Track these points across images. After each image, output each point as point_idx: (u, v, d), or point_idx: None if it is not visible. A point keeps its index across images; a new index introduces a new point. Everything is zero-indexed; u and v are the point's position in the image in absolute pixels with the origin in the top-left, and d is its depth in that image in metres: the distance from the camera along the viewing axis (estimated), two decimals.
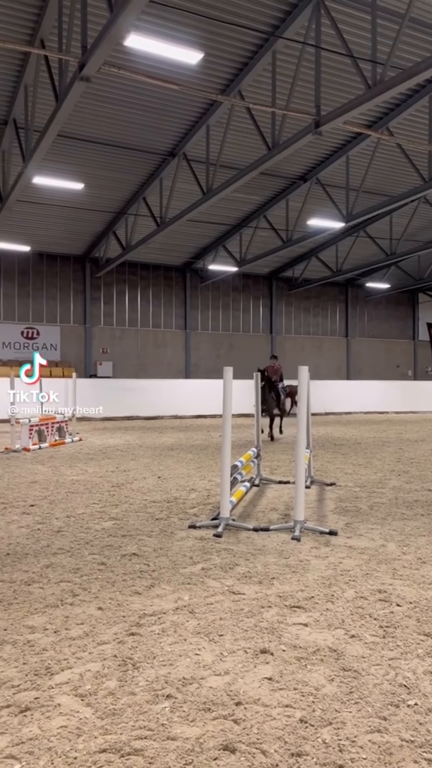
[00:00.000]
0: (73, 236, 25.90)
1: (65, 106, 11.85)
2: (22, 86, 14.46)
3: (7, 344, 26.91)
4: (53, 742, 2.61)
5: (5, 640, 3.63)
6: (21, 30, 12.59)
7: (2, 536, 6.09)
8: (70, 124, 15.82)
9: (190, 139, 17.66)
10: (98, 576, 4.84)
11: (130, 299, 29.82)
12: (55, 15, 11.72)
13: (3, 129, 16.71)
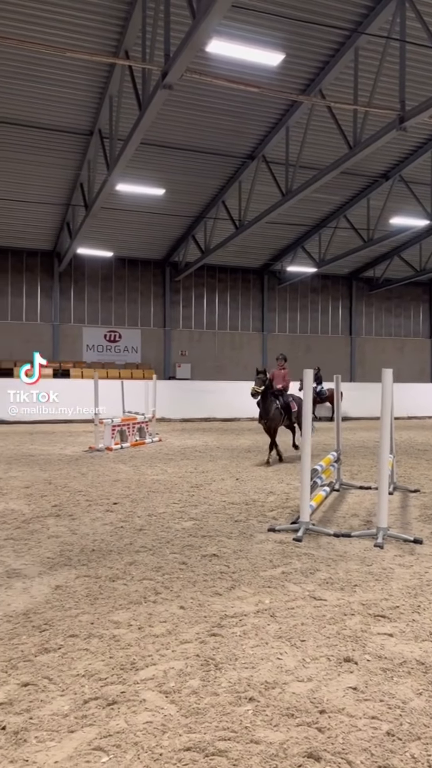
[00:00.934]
0: (154, 241, 26.44)
1: (148, 114, 12.12)
2: (107, 97, 14.92)
3: (91, 347, 27.82)
4: (139, 736, 2.67)
5: (92, 633, 3.74)
6: (107, 42, 12.99)
7: (87, 533, 6.30)
8: (151, 131, 16.16)
9: (269, 141, 17.63)
10: (179, 575, 4.90)
11: (208, 302, 30.09)
12: (139, 25, 12.01)
13: (89, 139, 17.31)
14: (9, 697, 2.98)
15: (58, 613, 4.08)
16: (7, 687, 3.09)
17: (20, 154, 17.88)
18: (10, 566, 5.11)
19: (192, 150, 18.25)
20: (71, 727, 2.74)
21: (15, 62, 13.72)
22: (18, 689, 3.07)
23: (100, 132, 16.43)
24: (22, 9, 11.86)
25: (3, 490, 8.76)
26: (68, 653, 3.48)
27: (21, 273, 26.53)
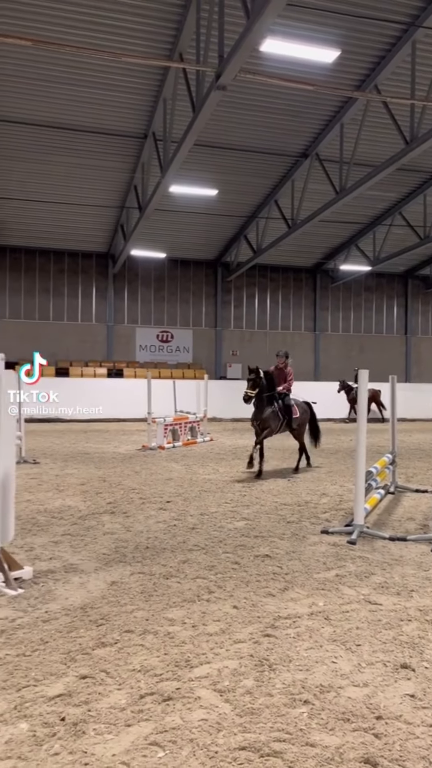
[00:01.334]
0: (206, 242, 26.56)
1: (202, 116, 12.20)
2: (161, 100, 15.08)
3: (144, 347, 28.20)
4: (194, 734, 2.70)
5: (147, 629, 3.80)
6: (162, 46, 13.14)
7: (141, 530, 6.39)
8: (205, 132, 16.24)
9: (323, 138, 17.46)
10: (232, 575, 4.92)
11: (260, 302, 30.02)
12: (193, 28, 12.10)
13: (143, 142, 17.54)
14: (68, 689, 3.06)
15: (114, 609, 4.15)
16: (67, 679, 3.17)
17: (77, 158, 18.29)
18: (67, 561, 5.24)
19: (245, 150, 18.26)
20: (128, 720, 2.79)
21: (72, 69, 14.04)
22: (77, 681, 3.15)
23: (154, 135, 16.63)
24: (79, 16, 12.13)
25: (60, 486, 8.98)
26: (124, 648, 3.55)
27: (77, 275, 27.12)
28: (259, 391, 9.99)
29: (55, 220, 23.24)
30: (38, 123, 16.50)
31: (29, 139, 17.28)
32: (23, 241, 25.40)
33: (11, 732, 2.69)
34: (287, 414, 10.52)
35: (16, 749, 2.56)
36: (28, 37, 11.33)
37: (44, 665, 3.31)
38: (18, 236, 24.96)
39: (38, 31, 12.16)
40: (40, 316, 26.66)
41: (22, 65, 13.93)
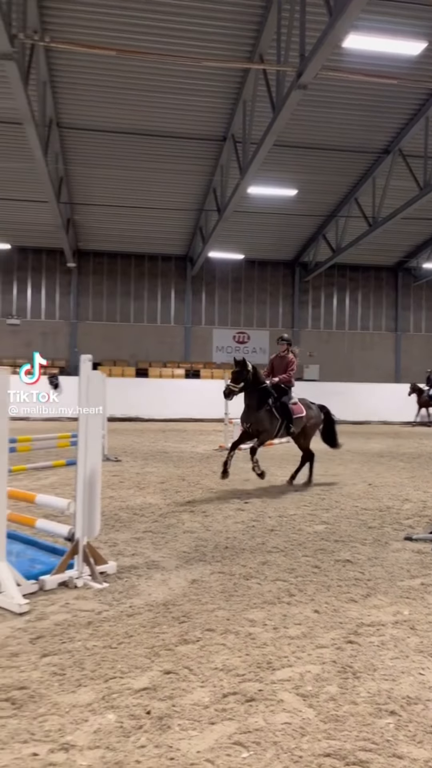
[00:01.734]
0: (284, 242, 26.43)
1: (282, 116, 12.16)
2: (241, 102, 15.15)
3: (221, 348, 28.42)
4: (278, 736, 2.68)
5: (228, 629, 3.82)
6: (241, 48, 13.20)
7: (220, 530, 6.44)
8: (284, 132, 16.15)
9: (406, 133, 16.98)
10: (313, 579, 4.86)
11: (338, 302, 29.55)
12: (274, 28, 12.08)
13: (222, 145, 17.68)
14: (153, 683, 3.13)
15: (195, 607, 4.20)
16: (151, 673, 3.24)
17: (157, 163, 18.67)
18: (149, 558, 5.36)
19: (324, 148, 18.04)
20: (212, 719, 2.82)
21: (154, 76, 14.36)
22: (161, 676, 3.21)
23: (233, 137, 16.73)
24: (161, 24, 12.40)
25: (141, 484, 9.19)
26: (206, 646, 3.58)
27: (156, 278, 27.69)
28: (245, 386, 8.42)
29: (136, 225, 23.83)
30: (119, 131, 16.99)
31: (111, 146, 17.83)
32: (106, 245, 26.21)
33: (99, 722, 2.77)
34: (284, 414, 8.79)
35: (104, 739, 2.64)
36: (112, 47, 11.68)
37: (129, 658, 3.40)
38: (101, 241, 25.78)
39: (122, 41, 12.52)
40: (121, 318, 27.41)
41: (105, 75, 14.39)
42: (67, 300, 27.06)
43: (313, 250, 26.42)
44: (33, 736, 2.64)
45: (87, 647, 3.51)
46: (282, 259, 28.53)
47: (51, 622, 3.88)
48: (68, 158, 18.65)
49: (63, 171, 19.06)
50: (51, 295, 27.12)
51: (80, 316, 27.14)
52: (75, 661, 3.34)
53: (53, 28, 12.28)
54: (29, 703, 2.91)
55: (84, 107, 16.04)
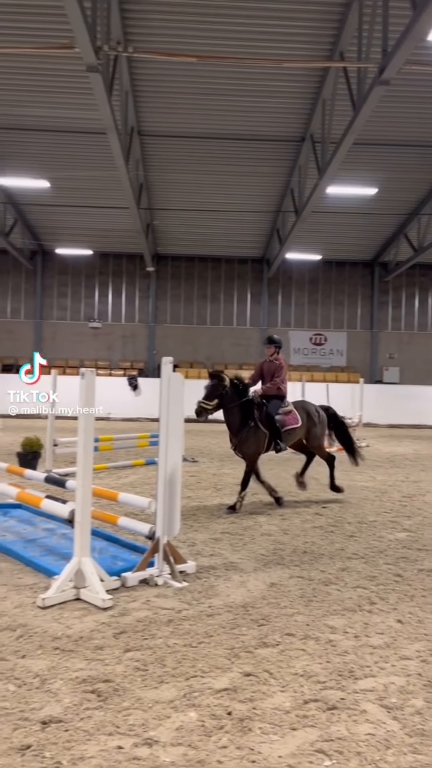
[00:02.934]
0: (363, 241, 25.86)
1: (363, 113, 11.93)
2: (320, 101, 14.98)
3: (297, 350, 28.15)
4: (362, 747, 2.63)
5: (308, 635, 3.78)
6: (322, 47, 13.05)
7: (298, 534, 6.38)
8: (364, 130, 15.84)
9: None
10: (395, 587, 4.73)
11: (420, 302, 28.58)
12: (355, 25, 11.87)
13: (300, 145, 17.54)
14: (233, 684, 3.14)
15: (274, 610, 4.18)
16: (231, 674, 3.25)
17: (234, 166, 18.75)
18: (227, 559, 5.38)
19: (405, 145, 17.53)
20: (293, 724, 2.80)
21: (232, 80, 14.44)
22: (241, 678, 3.21)
23: (312, 137, 16.55)
24: (240, 27, 12.44)
25: (218, 485, 9.26)
26: (286, 651, 3.56)
27: (233, 280, 27.79)
28: (223, 402, 7.43)
29: (214, 228, 24.02)
30: (198, 135, 17.19)
31: (190, 151, 18.07)
32: (183, 249, 26.58)
33: (181, 719, 2.81)
34: (271, 426, 7.66)
35: (186, 737, 2.68)
36: (192, 54, 11.84)
37: (209, 658, 3.43)
38: (179, 245, 26.17)
39: (202, 47, 12.65)
40: (197, 321, 27.71)
41: (185, 81, 14.60)
42: (146, 303, 27.64)
43: (394, 250, 25.70)
44: (118, 729, 2.71)
45: (168, 645, 3.57)
46: (361, 259, 27.93)
47: (133, 618, 3.97)
48: (148, 165, 19.06)
49: (143, 177, 19.50)
50: (131, 298, 27.80)
51: (158, 319, 27.66)
52: (157, 658, 3.40)
53: (135, 38, 12.59)
54: (114, 696, 2.99)
55: (164, 114, 16.35)
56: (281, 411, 7.83)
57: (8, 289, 27.35)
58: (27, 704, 2.89)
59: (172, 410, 4.95)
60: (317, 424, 8.29)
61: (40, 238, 25.68)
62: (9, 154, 18.75)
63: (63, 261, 27.00)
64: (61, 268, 27.19)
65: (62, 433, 10.27)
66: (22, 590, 4.45)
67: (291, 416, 7.92)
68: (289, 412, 7.93)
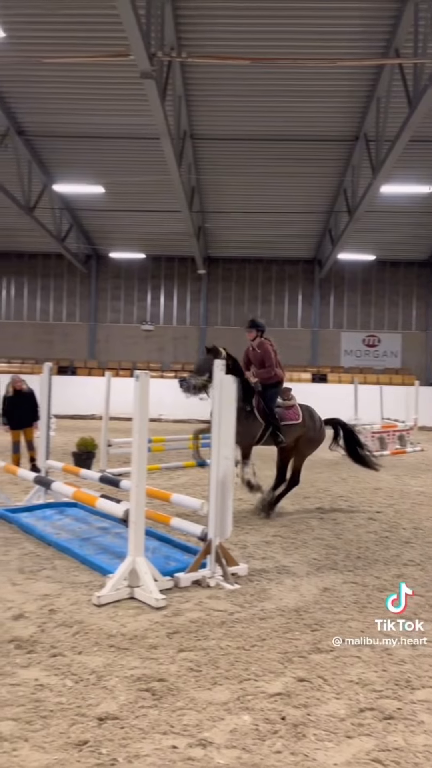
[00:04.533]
0: (418, 240, 25.28)
1: (419, 110, 11.68)
2: (374, 99, 14.75)
3: (349, 352, 27.76)
4: (419, 758, 2.57)
5: (363, 642, 3.72)
6: (376, 44, 12.84)
7: (351, 539, 6.28)
8: (419, 127, 15.52)
9: None
10: None
11: None
12: (411, 21, 11.62)
13: (353, 145, 17.31)
14: (287, 689, 3.12)
15: (328, 616, 4.14)
16: (285, 679, 3.23)
17: (286, 167, 18.66)
18: (279, 562, 5.35)
19: None
20: (348, 732, 2.76)
21: (284, 81, 14.37)
22: (294, 683, 3.19)
23: (366, 136, 16.30)
24: (293, 28, 12.38)
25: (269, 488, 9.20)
26: (340, 657, 3.51)
27: (284, 282, 27.65)
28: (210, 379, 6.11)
29: (265, 230, 23.95)
30: (250, 138, 17.19)
31: (242, 154, 18.09)
32: (235, 251, 26.62)
33: (235, 722, 2.81)
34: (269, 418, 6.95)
35: (240, 740, 2.67)
36: (245, 56, 11.86)
37: (263, 662, 3.41)
38: (230, 247, 26.22)
39: (255, 49, 12.65)
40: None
41: (237, 84, 14.62)
42: (197, 306, 27.80)
43: None
44: (172, 729, 2.74)
45: (221, 647, 3.58)
46: (416, 259, 27.30)
47: (186, 618, 4.00)
48: (200, 168, 19.18)
49: (195, 180, 19.64)
50: (182, 301, 28.02)
51: (209, 321, 27.77)
52: (210, 659, 3.41)
53: (189, 44, 12.70)
54: (168, 695, 3.02)
55: (216, 117, 16.42)
56: (282, 404, 7.21)
57: (63, 293, 28.03)
58: (84, 700, 2.95)
59: (225, 413, 4.96)
60: (315, 430, 7.48)
61: (94, 243, 26.22)
62: (65, 161, 19.24)
63: (116, 265, 27.47)
64: (114, 271, 27.67)
65: (115, 433, 10.45)
66: (77, 588, 4.55)
67: (292, 411, 7.32)
68: (291, 407, 7.33)
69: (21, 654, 3.42)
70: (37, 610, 4.07)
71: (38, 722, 2.75)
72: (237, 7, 12.03)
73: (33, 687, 3.06)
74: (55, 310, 28.09)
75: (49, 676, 3.18)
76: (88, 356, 27.41)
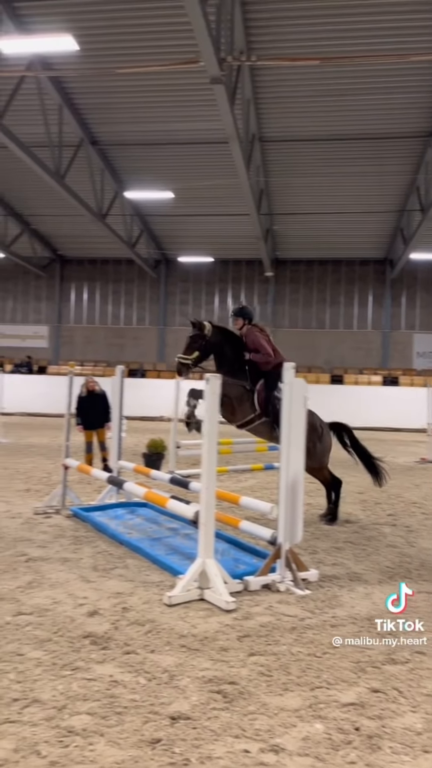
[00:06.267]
0: None
1: None
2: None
3: (422, 354, 26.93)
4: None
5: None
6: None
7: (426, 547, 6.09)
8: None
9: None
10: None
11: None
12: None
13: (426, 141, 16.83)
14: (360, 699, 3.05)
15: None
16: (358, 689, 3.16)
17: (355, 167, 18.37)
18: (350, 569, 5.25)
19: None
20: (426, 747, 2.67)
21: (354, 79, 14.18)
22: (368, 694, 3.11)
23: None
24: (362, 26, 12.20)
25: None
26: (416, 669, 3.40)
27: (353, 283, 27.18)
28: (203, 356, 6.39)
29: (334, 231, 23.66)
30: (319, 138, 17.03)
31: (310, 154, 17.95)
32: (303, 253, 26.41)
33: (308, 730, 2.77)
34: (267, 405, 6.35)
35: (313, 748, 2.63)
36: (315, 56, 11.75)
37: (335, 670, 3.35)
38: (298, 249, 26.05)
39: (325, 48, 12.52)
40: (316, 325, 27.37)
41: (306, 84, 14.53)
42: (265, 308, 27.74)
43: None
44: (244, 733, 2.73)
45: (292, 652, 3.54)
46: None
47: (256, 622, 3.99)
48: (269, 170, 19.15)
49: (263, 183, 19.62)
50: (249, 304, 27.98)
51: (276, 324, 27.63)
52: (281, 665, 3.38)
53: (258, 47, 12.72)
54: (239, 699, 3.02)
55: (285, 119, 16.36)
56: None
57: (134, 298, 28.65)
58: (156, 698, 2.99)
59: (294, 416, 4.92)
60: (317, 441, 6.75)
61: (163, 248, 26.66)
62: (136, 168, 19.69)
63: (184, 269, 27.82)
64: (182, 275, 28.03)
65: (184, 435, 10.55)
66: (149, 587, 4.62)
67: None
68: None
69: (96, 650, 3.51)
70: (110, 607, 4.16)
71: (113, 718, 2.81)
72: (306, 7, 11.95)
73: (108, 683, 3.12)
74: (125, 315, 28.75)
75: (123, 672, 3.24)
76: (158, 359, 27.87)
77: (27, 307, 29.59)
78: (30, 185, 20.33)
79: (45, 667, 3.27)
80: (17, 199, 23.47)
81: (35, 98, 14.73)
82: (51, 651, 3.46)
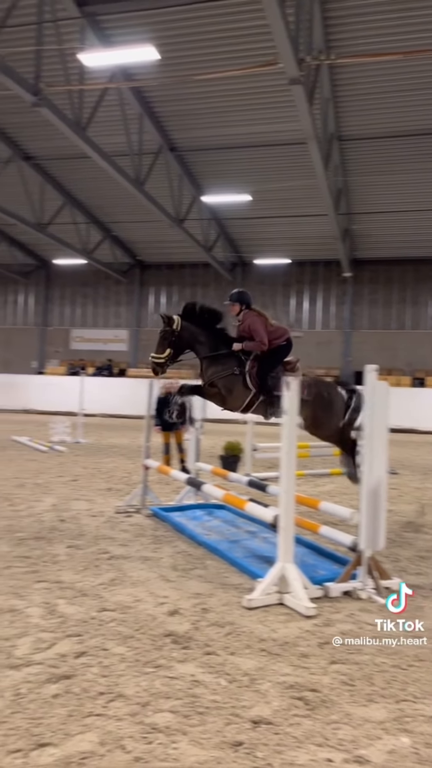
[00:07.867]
0: None
1: None
2: None
3: None
4: None
5: None
6: None
7: None
8: None
9: None
10: None
11: None
12: None
13: None
14: None
15: None
16: None
17: (420, 163, 17.75)
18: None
19: None
20: None
21: (414, 75, 13.72)
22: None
23: None
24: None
25: (422, 499, 8.75)
26: None
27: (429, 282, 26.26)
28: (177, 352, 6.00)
29: (416, 229, 22.96)
30: (400, 134, 16.58)
31: (390, 152, 17.52)
32: (382, 253, 25.78)
33: (393, 743, 2.69)
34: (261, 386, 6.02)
35: (400, 762, 2.55)
36: (396, 51, 11.46)
37: (421, 683, 3.24)
38: (377, 249, 25.46)
39: (406, 42, 12.19)
40: (396, 326, 26.64)
41: (386, 80, 14.19)
42: (342, 309, 27.28)
43: None
44: (327, 741, 2.68)
45: (375, 663, 3.45)
46: None
47: (337, 630, 3.91)
48: (347, 169, 18.84)
49: (341, 182, 19.31)
50: (326, 305, 27.66)
51: (354, 325, 27.12)
52: (364, 675, 3.30)
53: (337, 44, 12.54)
54: (321, 707, 2.97)
55: (364, 116, 16.04)
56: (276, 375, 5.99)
57: (210, 301, 28.85)
58: (238, 701, 2.99)
59: (377, 420, 4.80)
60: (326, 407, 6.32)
61: (240, 251, 26.75)
62: (213, 172, 19.86)
63: (260, 271, 27.79)
64: (258, 278, 28.00)
65: (260, 438, 10.52)
66: (228, 589, 4.63)
67: None
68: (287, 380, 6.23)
69: (177, 649, 3.55)
70: (190, 607, 4.20)
71: (195, 718, 2.83)
72: (385, 1, 11.67)
73: (189, 682, 3.16)
74: None
75: (204, 673, 3.26)
76: None
77: (108, 312, 30.48)
78: (111, 193, 20.94)
79: (128, 663, 3.35)
80: (99, 207, 24.23)
81: (117, 108, 15.17)
82: (134, 648, 3.54)
